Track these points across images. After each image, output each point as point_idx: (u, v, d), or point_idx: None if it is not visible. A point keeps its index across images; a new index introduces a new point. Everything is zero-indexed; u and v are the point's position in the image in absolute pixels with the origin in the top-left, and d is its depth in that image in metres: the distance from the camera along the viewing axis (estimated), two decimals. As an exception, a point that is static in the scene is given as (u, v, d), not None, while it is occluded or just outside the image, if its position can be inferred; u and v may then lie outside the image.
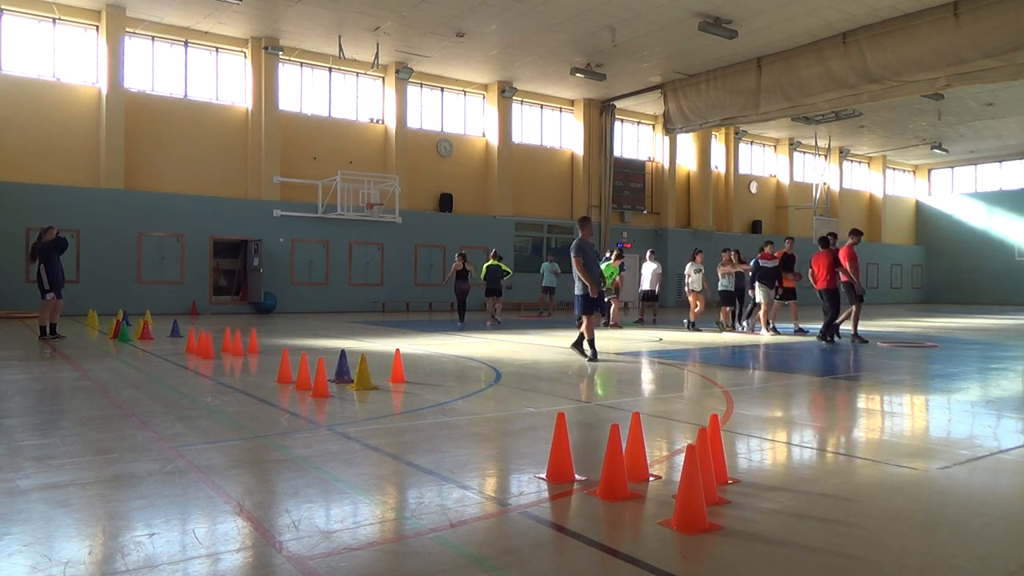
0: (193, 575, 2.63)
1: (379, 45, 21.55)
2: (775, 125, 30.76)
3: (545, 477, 3.85)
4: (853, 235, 13.06)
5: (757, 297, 14.85)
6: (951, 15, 17.74)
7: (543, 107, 27.91)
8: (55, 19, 19.36)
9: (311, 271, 22.59)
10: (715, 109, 23.95)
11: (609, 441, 3.56)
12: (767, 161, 35.34)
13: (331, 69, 23.35)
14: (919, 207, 41.96)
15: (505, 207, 26.21)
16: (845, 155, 37.06)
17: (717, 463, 3.76)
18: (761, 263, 14.69)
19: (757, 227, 33.53)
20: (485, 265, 17.65)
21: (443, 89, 25.60)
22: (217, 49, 21.60)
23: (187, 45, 21.11)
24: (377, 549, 2.91)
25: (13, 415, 5.64)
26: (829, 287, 12.76)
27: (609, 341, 12.63)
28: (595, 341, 9.73)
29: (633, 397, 7.14)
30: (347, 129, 23.69)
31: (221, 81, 21.82)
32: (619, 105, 28.13)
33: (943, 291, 40.38)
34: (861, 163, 39.22)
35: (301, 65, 22.93)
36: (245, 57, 21.89)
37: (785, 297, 15.24)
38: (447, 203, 25.17)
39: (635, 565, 2.78)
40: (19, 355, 9.80)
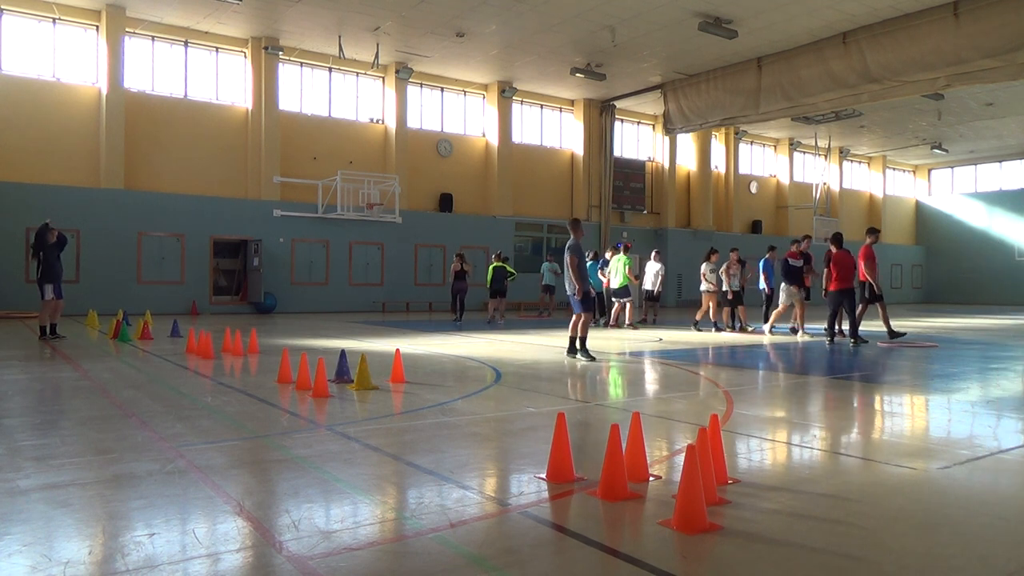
0: (193, 575, 2.63)
1: (379, 45, 21.55)
2: (775, 125, 30.75)
3: (545, 477, 3.85)
4: (870, 234, 12.91)
5: (782, 298, 14.44)
6: (951, 15, 17.75)
7: (543, 107, 27.90)
8: (55, 19, 19.36)
9: (311, 271, 22.58)
10: (715, 109, 23.95)
11: (609, 441, 3.56)
12: (767, 161, 35.33)
13: (331, 69, 23.35)
14: (919, 207, 41.95)
15: (505, 207, 26.21)
16: (845, 155, 37.05)
17: (717, 463, 3.76)
18: (790, 262, 14.23)
19: (757, 227, 33.54)
20: (490, 267, 17.64)
21: (443, 89, 25.60)
22: (217, 49, 21.60)
23: (187, 45, 21.11)
24: (377, 549, 2.91)
25: (13, 415, 5.64)
26: (849, 286, 12.43)
27: (609, 341, 12.64)
28: (587, 340, 9.74)
29: (633, 397, 7.15)
30: (347, 129, 23.68)
31: (221, 81, 21.82)
32: (619, 105, 28.12)
33: (943, 291, 40.37)
34: (861, 163, 39.21)
35: (301, 65, 22.93)
36: (245, 57, 21.88)
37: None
38: (447, 203, 25.17)
39: (635, 565, 2.78)
40: (19, 355, 9.80)
